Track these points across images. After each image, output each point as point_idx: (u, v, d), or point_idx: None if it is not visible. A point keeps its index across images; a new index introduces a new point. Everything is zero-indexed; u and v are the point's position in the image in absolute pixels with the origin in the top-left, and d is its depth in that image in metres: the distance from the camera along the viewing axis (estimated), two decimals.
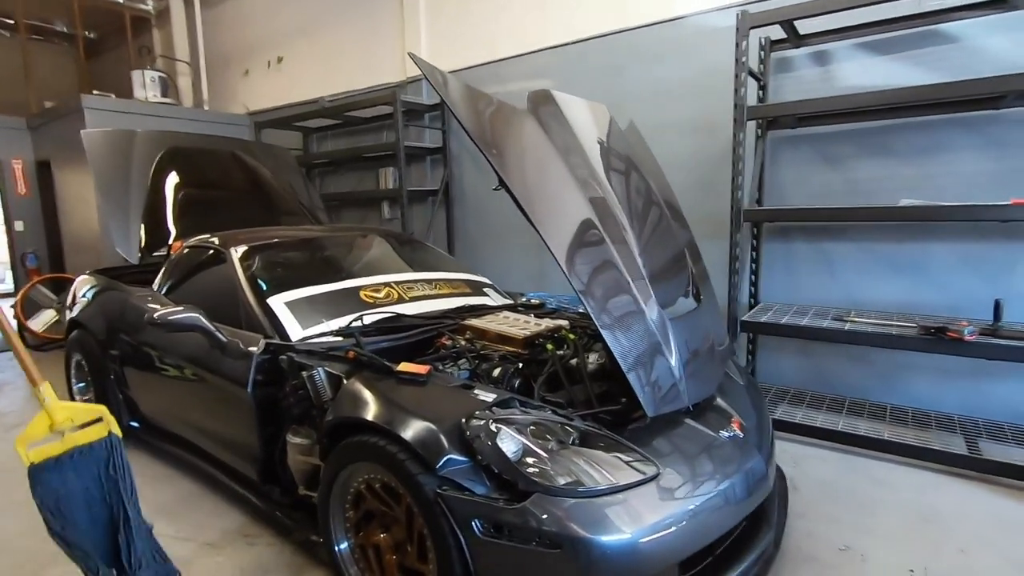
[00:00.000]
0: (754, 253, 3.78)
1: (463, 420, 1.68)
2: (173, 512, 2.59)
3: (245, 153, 4.63)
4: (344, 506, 1.93)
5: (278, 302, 2.53)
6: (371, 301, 2.71)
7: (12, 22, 8.10)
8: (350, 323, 2.44)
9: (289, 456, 2.21)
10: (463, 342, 2.40)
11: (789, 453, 3.07)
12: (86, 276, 3.80)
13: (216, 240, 3.04)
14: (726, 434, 1.98)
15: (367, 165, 5.94)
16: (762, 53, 3.58)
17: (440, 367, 2.17)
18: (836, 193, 3.51)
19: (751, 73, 3.32)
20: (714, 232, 3.79)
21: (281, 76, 6.70)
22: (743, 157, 3.26)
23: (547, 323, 2.57)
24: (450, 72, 4.97)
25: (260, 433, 2.27)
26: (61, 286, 5.86)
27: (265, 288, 2.63)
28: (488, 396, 1.83)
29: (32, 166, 7.19)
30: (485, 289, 3.31)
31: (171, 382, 2.82)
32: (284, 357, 2.25)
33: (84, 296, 3.59)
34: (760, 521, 1.98)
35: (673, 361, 1.99)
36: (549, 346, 2.29)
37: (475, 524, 1.55)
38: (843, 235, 3.53)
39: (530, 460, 1.60)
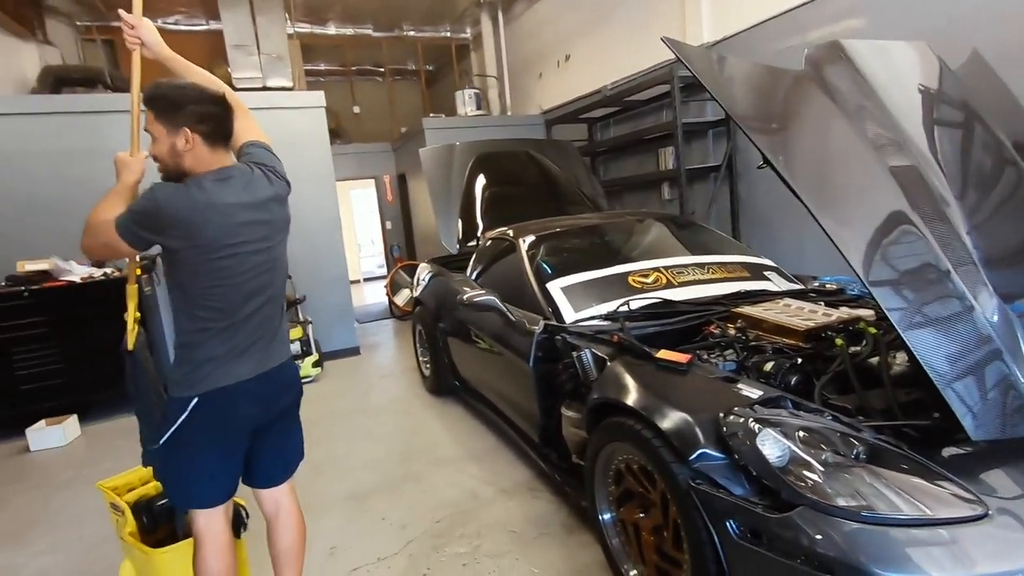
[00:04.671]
0: None
1: (720, 415, 1.61)
2: (481, 460, 3.17)
3: (536, 151, 5.18)
4: (607, 480, 2.06)
5: (555, 287, 2.81)
6: (639, 287, 2.76)
7: (381, 69, 10.67)
8: (617, 308, 2.55)
9: (563, 427, 2.45)
10: (732, 331, 2.26)
11: None
12: (425, 264, 4.84)
13: (510, 232, 3.52)
14: None
15: (647, 147, 5.96)
16: None
17: (704, 356, 2.10)
18: None
19: None
20: None
21: (568, 73, 7.20)
22: None
23: (841, 313, 2.22)
24: (739, 32, 4.70)
25: (540, 403, 2.58)
26: (413, 271, 7.59)
27: (546, 274, 2.94)
28: (753, 392, 1.70)
29: (395, 179, 9.44)
30: (767, 272, 3.02)
31: (477, 352, 3.42)
32: (559, 337, 2.50)
33: (423, 279, 4.59)
34: None
35: (1020, 371, 1.50)
36: (839, 340, 1.98)
37: (730, 524, 1.49)
38: None
39: (799, 470, 1.44)
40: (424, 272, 4.65)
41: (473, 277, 3.83)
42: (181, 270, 1.61)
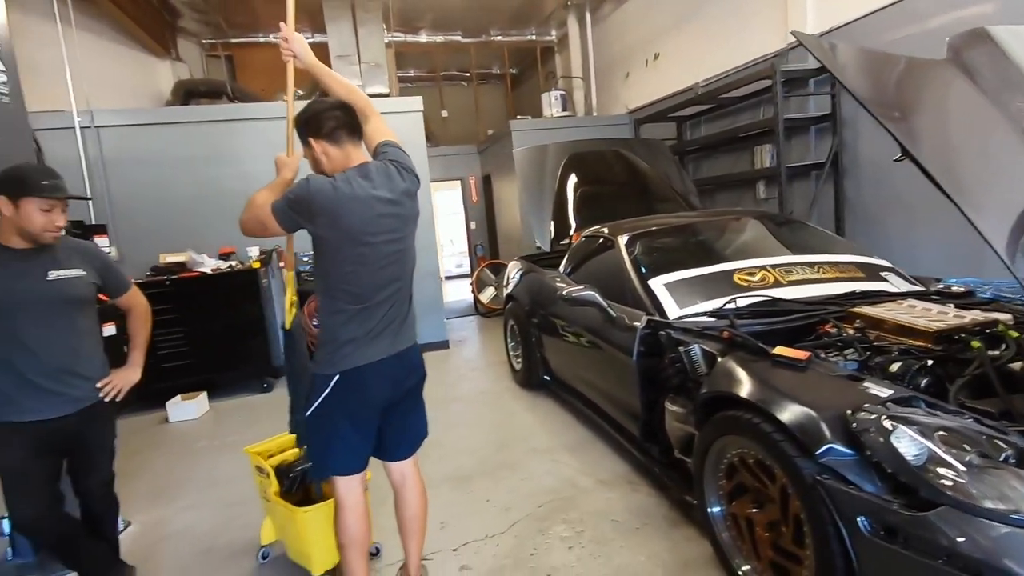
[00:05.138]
0: None
1: (848, 412, 1.58)
2: (576, 451, 3.23)
3: (626, 150, 5.18)
4: (718, 474, 2.07)
5: (658, 283, 2.82)
6: (745, 284, 2.72)
7: (467, 74, 10.99)
8: (724, 305, 2.53)
9: (666, 421, 2.47)
10: (851, 331, 2.19)
11: None
12: (515, 261, 4.97)
13: (606, 230, 3.56)
14: None
15: (741, 145, 5.79)
16: None
17: (821, 355, 2.05)
18: None
19: None
20: None
21: (656, 72, 7.11)
22: None
23: (973, 316, 2.10)
24: (851, 23, 4.47)
25: (642, 397, 2.61)
26: (496, 269, 7.77)
27: (646, 271, 2.96)
28: (882, 391, 1.66)
29: (480, 180, 9.69)
30: (883, 273, 2.88)
31: (572, 346, 3.48)
32: (663, 333, 2.52)
33: (514, 276, 4.71)
34: None
35: None
36: (975, 343, 1.87)
37: (861, 521, 1.46)
38: None
39: (939, 469, 1.40)
40: (514, 269, 4.77)
41: (567, 273, 3.90)
42: (325, 257, 1.80)
